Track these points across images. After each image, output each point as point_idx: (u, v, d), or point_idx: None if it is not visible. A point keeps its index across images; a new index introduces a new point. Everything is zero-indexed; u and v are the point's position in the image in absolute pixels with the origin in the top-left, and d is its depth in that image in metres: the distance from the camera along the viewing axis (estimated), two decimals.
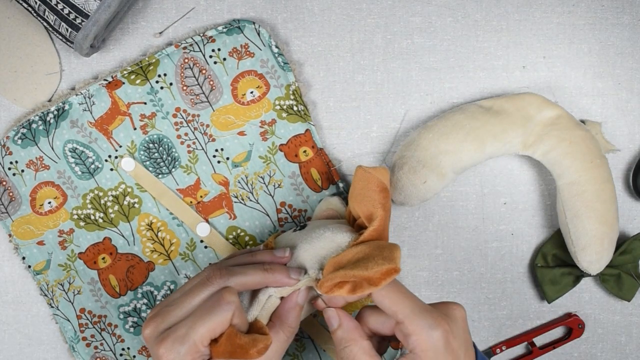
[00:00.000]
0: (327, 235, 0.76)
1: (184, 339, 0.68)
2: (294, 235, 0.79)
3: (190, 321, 0.69)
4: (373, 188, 0.76)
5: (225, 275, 0.72)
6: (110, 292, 0.89)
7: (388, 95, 0.90)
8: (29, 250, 0.88)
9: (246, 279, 0.72)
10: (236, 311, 0.69)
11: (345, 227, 0.78)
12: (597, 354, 0.94)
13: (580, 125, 0.85)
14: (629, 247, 0.90)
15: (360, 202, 0.77)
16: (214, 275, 0.72)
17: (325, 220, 0.82)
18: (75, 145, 0.87)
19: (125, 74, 0.86)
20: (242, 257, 0.77)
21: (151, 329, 0.70)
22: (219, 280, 0.71)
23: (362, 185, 0.77)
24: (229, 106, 0.87)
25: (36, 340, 0.92)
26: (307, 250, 0.76)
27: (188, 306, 0.70)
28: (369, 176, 0.77)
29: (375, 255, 0.72)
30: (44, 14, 0.81)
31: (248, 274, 0.73)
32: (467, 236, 0.92)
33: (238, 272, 0.72)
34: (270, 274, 0.73)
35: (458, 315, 0.72)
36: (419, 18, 0.89)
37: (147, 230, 0.88)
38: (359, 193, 0.77)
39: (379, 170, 0.77)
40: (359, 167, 0.77)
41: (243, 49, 0.86)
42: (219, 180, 0.88)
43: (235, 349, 0.69)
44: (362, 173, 0.77)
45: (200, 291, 0.71)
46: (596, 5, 0.89)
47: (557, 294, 0.91)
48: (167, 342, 0.68)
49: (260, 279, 0.73)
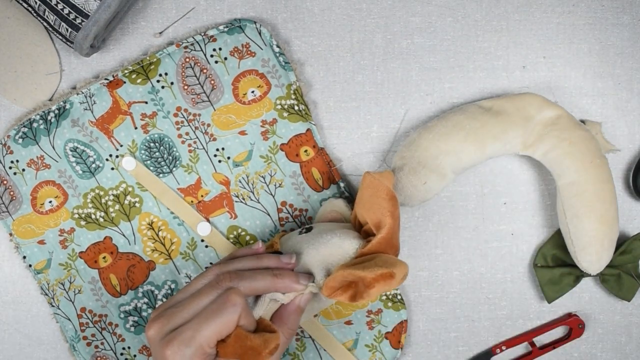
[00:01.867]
0: (334, 241, 0.76)
1: (191, 341, 0.68)
2: (300, 239, 0.79)
3: (196, 323, 0.68)
4: (382, 196, 0.76)
5: (235, 279, 0.72)
6: (111, 291, 0.89)
7: (388, 95, 0.90)
8: (29, 249, 0.88)
9: (256, 284, 0.72)
10: (243, 312, 0.69)
11: (353, 234, 0.78)
12: (597, 354, 0.94)
13: (580, 125, 0.86)
14: (629, 247, 0.90)
15: (368, 209, 0.77)
16: (224, 278, 0.72)
17: (332, 224, 0.82)
18: (76, 144, 0.87)
19: (127, 73, 0.86)
20: (248, 261, 0.76)
21: (155, 330, 0.70)
22: (228, 284, 0.71)
23: (370, 192, 0.77)
24: (230, 105, 0.87)
25: (36, 340, 0.92)
26: (314, 256, 0.76)
27: (196, 307, 0.70)
28: (378, 184, 0.76)
29: (378, 261, 0.72)
30: (44, 14, 0.81)
31: (257, 279, 0.73)
32: (467, 236, 0.92)
33: (247, 277, 0.72)
34: (279, 279, 0.73)
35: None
36: (419, 18, 0.89)
37: (147, 229, 0.88)
38: (367, 200, 0.77)
39: (385, 175, 0.77)
40: (367, 174, 0.77)
41: (244, 49, 0.86)
42: (219, 179, 0.88)
43: (245, 351, 0.69)
44: (370, 180, 0.77)
45: (208, 294, 0.71)
46: (596, 5, 0.89)
47: (557, 294, 0.91)
48: (173, 344, 0.68)
49: (270, 284, 0.73)
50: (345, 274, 0.71)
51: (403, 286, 0.92)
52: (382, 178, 0.76)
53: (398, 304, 0.90)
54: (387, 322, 0.90)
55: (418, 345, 0.93)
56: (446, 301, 0.93)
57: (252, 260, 0.76)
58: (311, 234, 0.79)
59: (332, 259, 0.76)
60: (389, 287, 0.71)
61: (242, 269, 0.75)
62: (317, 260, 0.76)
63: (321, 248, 0.76)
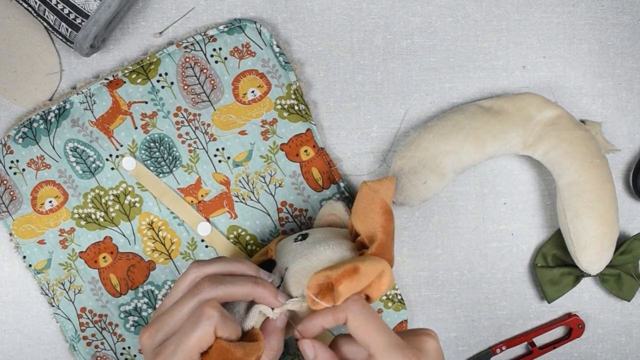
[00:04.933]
0: (327, 253, 0.75)
1: (173, 355, 0.69)
2: (294, 247, 0.78)
3: (177, 337, 0.69)
4: (376, 209, 0.75)
5: (215, 283, 0.72)
6: (111, 291, 0.89)
7: (388, 95, 0.90)
8: (29, 249, 0.88)
9: (235, 290, 0.72)
10: (218, 324, 0.69)
11: (346, 245, 0.77)
12: (597, 354, 0.94)
13: (580, 125, 0.86)
14: (629, 247, 0.90)
15: (362, 221, 0.76)
16: (204, 283, 0.72)
17: (328, 231, 0.81)
18: (76, 144, 0.87)
19: (127, 73, 0.86)
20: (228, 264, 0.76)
21: (146, 338, 0.71)
22: (207, 289, 0.71)
23: (365, 204, 0.75)
24: (230, 105, 0.87)
25: (36, 340, 0.92)
26: (305, 267, 0.75)
27: (179, 315, 0.71)
28: (373, 196, 0.75)
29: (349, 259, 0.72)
30: (44, 14, 0.81)
31: (238, 284, 0.72)
32: (467, 236, 0.92)
33: (228, 282, 0.72)
34: (260, 288, 0.73)
35: (431, 348, 0.71)
36: (419, 18, 0.89)
37: (148, 229, 0.88)
38: (361, 212, 0.76)
39: (384, 183, 0.76)
40: (364, 184, 0.76)
41: (244, 48, 0.86)
42: (220, 179, 0.88)
43: None
44: (366, 191, 0.75)
45: (189, 300, 0.71)
46: (596, 5, 0.89)
47: (557, 294, 0.91)
48: (160, 357, 0.69)
49: (250, 291, 0.73)
50: (317, 277, 0.70)
51: (403, 286, 0.92)
52: (382, 187, 0.75)
53: (398, 304, 0.90)
54: (388, 322, 0.90)
55: None
56: (446, 301, 0.93)
57: (232, 263, 0.76)
58: (306, 242, 0.78)
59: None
60: (357, 283, 0.70)
61: (221, 271, 0.75)
62: (307, 272, 0.74)
63: (312, 259, 0.75)
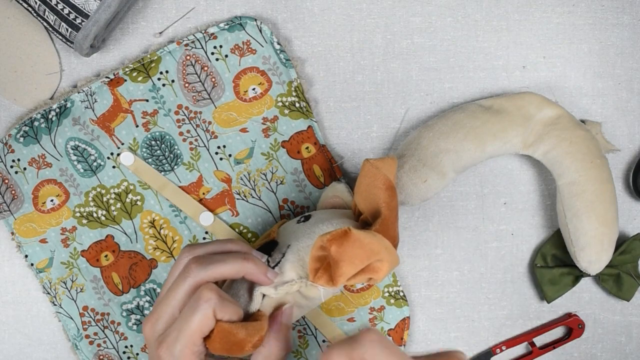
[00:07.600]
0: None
1: (176, 341, 0.69)
2: (297, 228, 0.78)
3: (178, 324, 0.69)
4: (379, 186, 0.74)
5: (203, 264, 0.71)
6: (113, 289, 0.88)
7: (388, 95, 0.90)
8: (31, 248, 0.88)
9: (224, 268, 0.71)
10: (217, 306, 0.69)
11: (350, 224, 0.76)
12: (597, 354, 0.94)
13: (580, 125, 0.86)
14: (628, 247, 0.90)
15: (365, 198, 0.76)
16: (191, 265, 0.71)
17: (331, 212, 0.81)
18: (77, 142, 0.87)
19: (127, 71, 0.86)
20: (219, 244, 0.75)
21: (148, 328, 0.72)
22: (195, 270, 0.71)
23: (367, 181, 0.75)
24: (231, 103, 0.87)
25: (36, 340, 0.91)
26: (308, 246, 0.75)
27: (173, 301, 0.71)
28: (376, 172, 0.74)
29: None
30: (44, 14, 0.81)
31: (227, 262, 0.72)
32: (467, 236, 0.92)
33: (217, 260, 0.72)
34: (249, 263, 0.72)
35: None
36: (419, 18, 0.90)
37: (149, 227, 0.88)
38: (364, 189, 0.76)
39: (386, 161, 0.75)
40: (366, 161, 0.75)
41: (245, 46, 0.86)
42: (221, 177, 0.87)
43: (231, 347, 0.69)
44: (368, 168, 0.75)
45: (180, 285, 0.71)
46: (596, 5, 0.90)
47: (557, 294, 0.91)
48: (163, 345, 0.70)
49: (239, 267, 0.72)
50: (314, 250, 0.70)
51: (403, 286, 0.92)
52: (384, 164, 0.75)
53: (400, 300, 0.90)
54: (390, 319, 0.90)
55: (418, 345, 0.93)
56: (446, 301, 0.93)
57: (222, 243, 0.75)
58: (309, 222, 0.78)
59: None
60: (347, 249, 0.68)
61: (212, 252, 0.74)
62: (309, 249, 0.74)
63: (315, 237, 0.75)
